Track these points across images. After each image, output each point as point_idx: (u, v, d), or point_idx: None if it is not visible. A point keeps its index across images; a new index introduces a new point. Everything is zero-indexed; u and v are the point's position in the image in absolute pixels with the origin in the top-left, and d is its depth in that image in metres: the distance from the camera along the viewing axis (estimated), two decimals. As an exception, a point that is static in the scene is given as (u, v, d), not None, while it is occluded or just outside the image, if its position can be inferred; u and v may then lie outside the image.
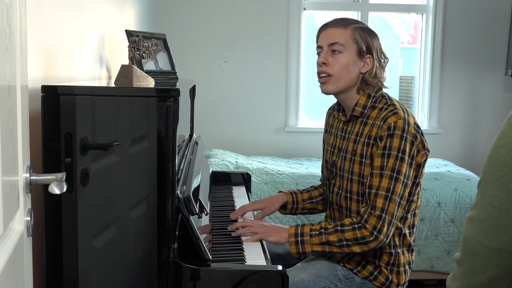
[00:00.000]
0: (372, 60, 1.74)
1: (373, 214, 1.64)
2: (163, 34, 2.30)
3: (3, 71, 0.81)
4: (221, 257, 1.54)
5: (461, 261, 0.91)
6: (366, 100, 1.76)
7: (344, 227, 1.66)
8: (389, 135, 1.66)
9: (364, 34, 1.75)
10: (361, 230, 1.64)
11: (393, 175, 1.65)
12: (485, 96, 4.24)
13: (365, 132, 1.73)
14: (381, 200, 1.64)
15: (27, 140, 0.99)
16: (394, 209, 1.64)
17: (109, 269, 1.32)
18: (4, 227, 0.82)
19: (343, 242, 1.65)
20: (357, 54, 1.74)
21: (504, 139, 0.83)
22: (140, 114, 1.32)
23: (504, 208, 0.83)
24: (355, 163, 1.74)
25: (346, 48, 1.73)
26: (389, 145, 1.66)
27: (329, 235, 1.66)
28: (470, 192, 3.17)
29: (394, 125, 1.66)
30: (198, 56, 4.12)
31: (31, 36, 1.25)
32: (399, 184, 1.65)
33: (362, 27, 1.76)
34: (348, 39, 1.73)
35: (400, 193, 1.65)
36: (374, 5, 4.24)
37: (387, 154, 1.66)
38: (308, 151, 4.13)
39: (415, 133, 1.68)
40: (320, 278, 1.74)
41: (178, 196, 1.35)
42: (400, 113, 1.69)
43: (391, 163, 1.65)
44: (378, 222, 1.63)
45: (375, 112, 1.74)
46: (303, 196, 2.01)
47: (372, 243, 1.64)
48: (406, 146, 1.65)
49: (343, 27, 1.74)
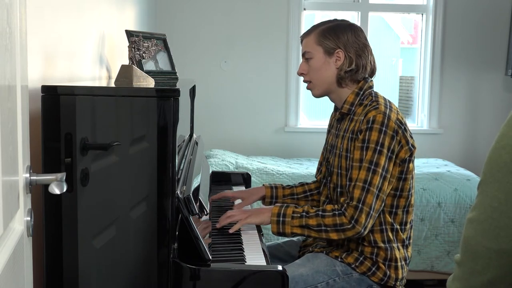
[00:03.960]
0: (343, 52, 1.80)
1: (351, 204, 1.68)
2: (163, 34, 2.30)
3: (3, 71, 0.81)
4: (221, 257, 1.54)
5: (461, 262, 0.91)
6: (354, 97, 1.82)
7: (325, 213, 1.70)
8: (367, 128, 1.71)
9: (328, 33, 1.82)
10: (341, 217, 1.68)
11: (370, 167, 1.68)
12: (485, 96, 4.24)
13: (350, 128, 1.79)
14: (358, 191, 1.68)
15: (27, 140, 0.99)
16: (372, 201, 1.67)
17: (109, 269, 1.32)
18: (4, 227, 0.82)
19: (322, 227, 1.69)
20: (325, 54, 1.82)
21: (503, 141, 0.83)
22: (140, 114, 1.32)
23: (503, 209, 0.83)
24: (343, 158, 1.80)
25: (314, 53, 1.84)
26: (367, 138, 1.70)
27: (309, 219, 1.70)
28: (470, 192, 3.17)
29: (373, 119, 1.71)
30: (198, 56, 4.12)
31: (31, 36, 1.25)
32: (377, 176, 1.68)
33: (326, 27, 1.84)
34: (313, 44, 1.84)
35: (378, 185, 1.68)
36: (374, 5, 4.24)
37: (365, 147, 1.70)
38: (308, 151, 4.13)
39: (396, 128, 1.72)
40: (318, 273, 1.76)
41: (178, 196, 1.35)
42: (381, 108, 1.74)
43: (369, 155, 1.69)
44: (355, 212, 1.66)
45: (360, 109, 1.79)
46: (284, 192, 2.05)
47: (349, 232, 1.67)
48: (384, 139, 1.70)
49: (308, 35, 1.87)
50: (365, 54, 1.83)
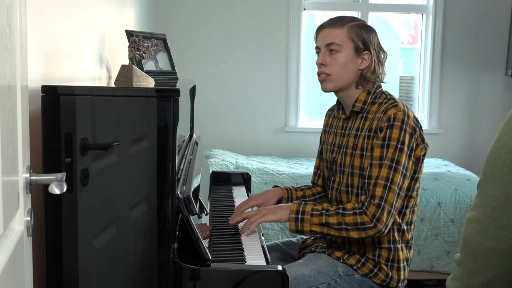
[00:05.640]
0: (370, 56, 1.77)
1: (373, 202, 1.66)
2: (163, 34, 2.30)
3: (3, 71, 0.81)
4: (221, 257, 1.54)
5: (461, 262, 0.91)
6: (366, 96, 1.79)
7: (345, 211, 1.68)
8: (389, 126, 1.69)
9: (360, 31, 1.77)
10: (362, 216, 1.65)
11: (392, 165, 1.67)
12: (485, 96, 4.24)
13: (365, 126, 1.77)
14: (380, 189, 1.66)
15: (27, 140, 0.99)
16: (393, 199, 1.66)
17: (109, 269, 1.32)
18: (4, 227, 0.82)
19: (342, 226, 1.67)
20: (355, 52, 1.76)
21: (503, 140, 0.83)
22: (140, 114, 1.32)
23: (503, 209, 0.83)
24: (356, 157, 1.77)
25: (343, 47, 1.76)
26: (388, 135, 1.69)
27: (329, 217, 1.68)
28: (470, 192, 3.17)
29: (394, 116, 1.69)
30: (198, 56, 4.12)
31: (31, 36, 1.25)
32: (398, 174, 1.67)
33: (358, 24, 1.79)
34: (344, 38, 1.76)
35: (399, 183, 1.67)
36: (374, 5, 4.24)
37: (386, 145, 1.69)
38: (308, 151, 4.13)
39: (414, 126, 1.72)
40: (320, 273, 1.75)
41: (178, 196, 1.35)
42: (400, 105, 1.73)
43: (390, 153, 1.68)
44: (377, 211, 1.64)
45: (375, 107, 1.77)
46: (297, 194, 2.03)
47: (370, 230, 1.65)
48: (405, 137, 1.69)
49: (339, 27, 1.77)
50: (384, 61, 1.82)
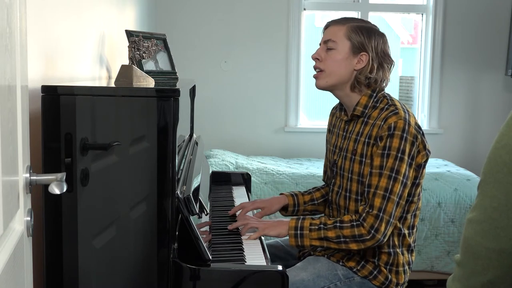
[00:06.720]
0: (368, 58, 1.75)
1: (371, 213, 1.65)
2: (163, 34, 2.30)
3: (3, 71, 0.81)
4: (221, 257, 1.54)
5: (461, 263, 0.91)
6: (367, 100, 1.78)
7: (343, 224, 1.68)
8: (389, 135, 1.67)
9: (360, 31, 1.76)
10: (359, 228, 1.65)
11: (392, 175, 1.66)
12: (485, 96, 4.24)
13: (365, 132, 1.75)
14: (379, 199, 1.65)
15: (27, 140, 0.99)
16: (392, 209, 1.65)
17: (109, 269, 1.32)
18: (4, 227, 0.82)
19: (341, 239, 1.67)
20: (351, 51, 1.76)
21: (503, 141, 0.83)
22: (140, 114, 1.32)
23: (503, 210, 0.83)
24: (355, 163, 1.76)
25: (339, 45, 1.76)
26: (389, 145, 1.67)
27: (328, 231, 1.68)
28: (470, 192, 3.17)
29: (395, 125, 1.67)
30: (198, 56, 4.12)
31: (31, 36, 1.25)
32: (398, 184, 1.66)
33: (360, 25, 1.78)
34: (341, 36, 1.76)
35: (398, 193, 1.66)
36: (374, 5, 4.24)
37: (386, 154, 1.67)
38: (308, 151, 4.13)
39: (415, 133, 1.69)
40: (320, 277, 1.74)
41: (178, 196, 1.35)
42: (401, 113, 1.70)
43: (390, 163, 1.66)
44: (376, 221, 1.64)
45: (376, 112, 1.75)
46: (304, 198, 2.01)
47: (369, 242, 1.65)
48: (406, 146, 1.67)
49: (341, 25, 1.78)
50: (387, 67, 1.79)
